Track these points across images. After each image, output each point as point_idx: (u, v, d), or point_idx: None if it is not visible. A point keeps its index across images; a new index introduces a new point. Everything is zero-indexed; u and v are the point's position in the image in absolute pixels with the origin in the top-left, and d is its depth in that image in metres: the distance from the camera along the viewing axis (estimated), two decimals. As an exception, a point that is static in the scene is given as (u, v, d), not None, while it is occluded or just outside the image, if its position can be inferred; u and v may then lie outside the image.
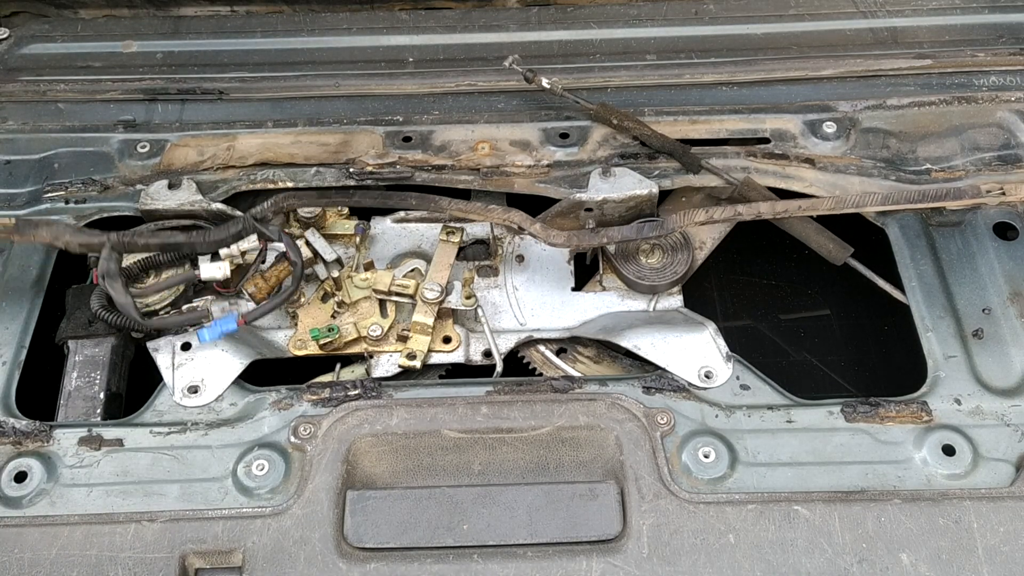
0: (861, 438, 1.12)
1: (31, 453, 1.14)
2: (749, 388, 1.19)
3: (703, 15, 1.64)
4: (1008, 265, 1.27)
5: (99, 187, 1.44)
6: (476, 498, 1.08)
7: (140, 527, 1.06)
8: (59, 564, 1.04)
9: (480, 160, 1.43)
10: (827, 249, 1.31)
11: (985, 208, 1.33)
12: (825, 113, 1.47)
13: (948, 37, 1.58)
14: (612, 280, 1.38)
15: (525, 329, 1.34)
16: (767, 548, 1.03)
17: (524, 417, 1.14)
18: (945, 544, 1.02)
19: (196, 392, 1.21)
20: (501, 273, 1.40)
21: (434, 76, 1.57)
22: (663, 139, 1.40)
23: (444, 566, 1.04)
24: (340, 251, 1.35)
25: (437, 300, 1.30)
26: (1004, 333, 1.21)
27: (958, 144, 1.42)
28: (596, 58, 1.60)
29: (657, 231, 1.30)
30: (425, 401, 1.16)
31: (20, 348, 1.26)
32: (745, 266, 1.73)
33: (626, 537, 1.05)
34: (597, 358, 1.34)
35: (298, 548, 1.05)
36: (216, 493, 1.11)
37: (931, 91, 1.49)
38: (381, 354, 1.31)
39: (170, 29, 1.66)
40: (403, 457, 1.13)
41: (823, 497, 1.06)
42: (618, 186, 1.37)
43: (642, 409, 1.14)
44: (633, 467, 1.09)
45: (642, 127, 1.42)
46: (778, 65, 1.54)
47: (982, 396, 1.15)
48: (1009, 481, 1.08)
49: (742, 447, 1.12)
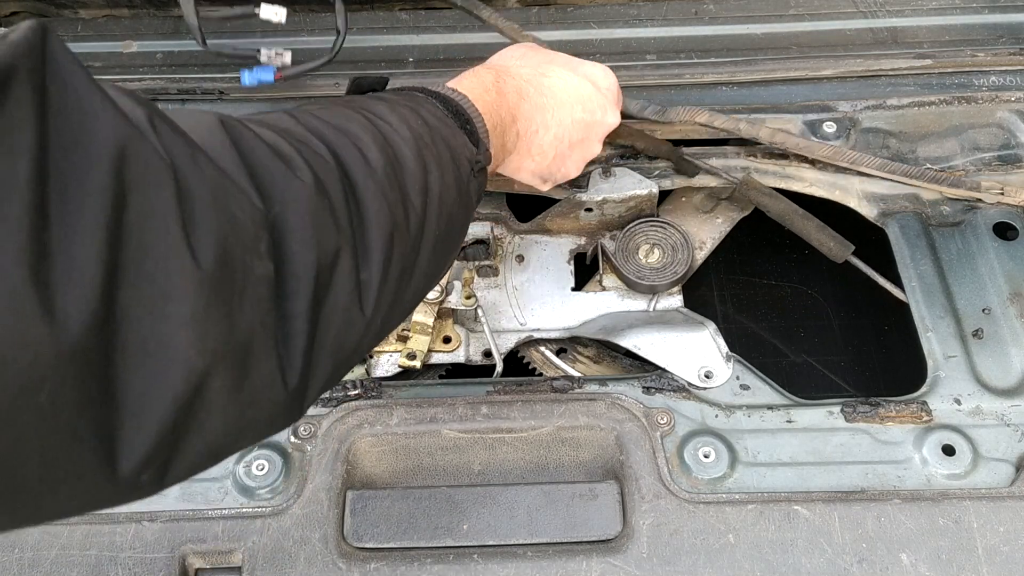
0: (861, 438, 1.12)
1: (31, 453, 1.14)
2: (749, 388, 1.19)
3: (703, 15, 1.64)
4: (1008, 265, 1.27)
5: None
6: (476, 498, 1.08)
7: (140, 527, 1.06)
8: (59, 564, 1.04)
9: (480, 160, 1.42)
10: (828, 247, 1.31)
11: (985, 208, 1.33)
12: (825, 113, 1.46)
13: (948, 37, 1.58)
14: (612, 280, 1.38)
15: (525, 329, 1.34)
16: (767, 548, 1.03)
17: (524, 417, 1.14)
18: (945, 544, 1.02)
19: (196, 392, 1.20)
20: (501, 273, 1.40)
21: (434, 76, 1.57)
22: (659, 146, 1.39)
23: (444, 566, 1.04)
24: (340, 251, 1.34)
25: (437, 300, 1.30)
26: (1004, 333, 1.21)
27: (958, 144, 1.42)
28: (596, 58, 1.59)
29: (657, 116, 1.38)
30: (425, 401, 1.16)
31: (20, 348, 1.26)
32: (745, 266, 1.73)
33: (626, 537, 1.05)
34: (597, 358, 1.34)
35: (298, 548, 1.05)
36: (216, 493, 1.11)
37: (931, 91, 1.49)
38: (381, 354, 1.31)
39: (170, 29, 1.66)
40: (403, 457, 1.13)
41: (823, 497, 1.06)
42: (618, 186, 1.37)
43: (642, 409, 1.14)
44: (633, 467, 1.09)
45: (635, 138, 1.41)
46: (778, 65, 1.54)
47: (982, 396, 1.15)
48: (1009, 481, 1.08)
49: (742, 447, 1.12)
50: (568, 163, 1.21)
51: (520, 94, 1.09)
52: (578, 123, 1.17)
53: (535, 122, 1.12)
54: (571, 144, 1.17)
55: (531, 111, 1.11)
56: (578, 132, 1.17)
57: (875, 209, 1.36)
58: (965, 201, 1.35)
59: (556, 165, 1.19)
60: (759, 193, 1.36)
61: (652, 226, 1.38)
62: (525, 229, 1.43)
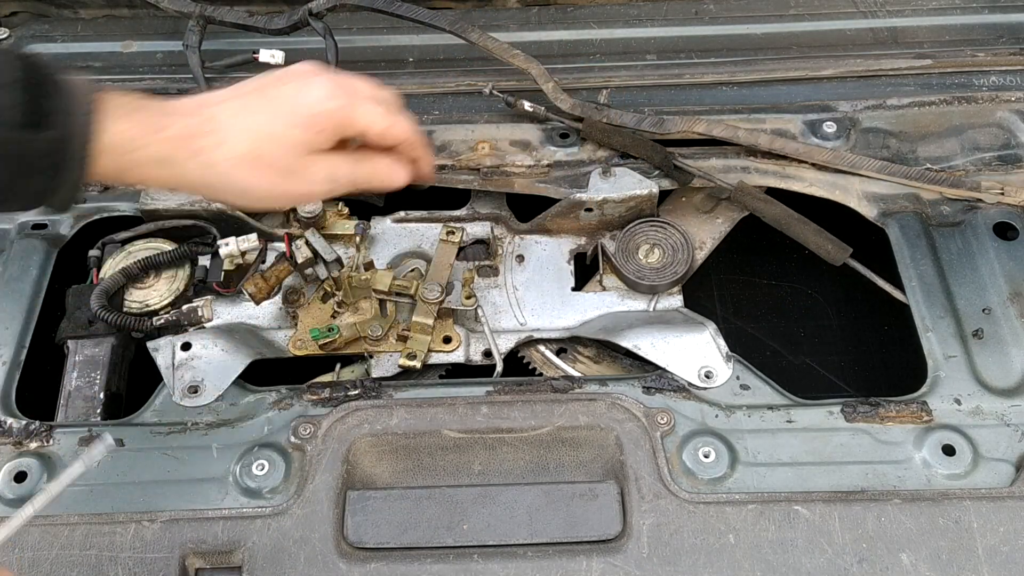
0: (861, 438, 1.12)
1: (31, 453, 1.14)
2: (749, 388, 1.19)
3: (703, 15, 1.64)
4: (1008, 265, 1.27)
5: (99, 187, 1.44)
6: (476, 498, 1.08)
7: (140, 527, 1.06)
8: (59, 564, 1.04)
9: (480, 160, 1.43)
10: (826, 250, 1.31)
11: (985, 208, 1.33)
12: (825, 113, 1.47)
13: (948, 37, 1.58)
14: (612, 280, 1.38)
15: (525, 329, 1.34)
16: (767, 548, 1.03)
17: (524, 417, 1.14)
18: (945, 544, 1.02)
19: (196, 392, 1.21)
20: (501, 273, 1.40)
21: (434, 76, 1.57)
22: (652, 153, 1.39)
23: (444, 566, 1.04)
24: (340, 251, 1.34)
25: (437, 300, 1.30)
26: (1004, 333, 1.21)
27: (958, 144, 1.42)
28: (596, 58, 1.60)
29: (655, 128, 1.40)
30: (425, 401, 1.16)
31: (20, 348, 1.27)
32: (745, 266, 1.72)
33: (626, 537, 1.05)
34: (597, 358, 1.34)
35: (298, 548, 1.05)
36: (216, 493, 1.11)
37: (931, 91, 1.49)
38: (381, 354, 1.31)
39: (170, 29, 1.66)
40: (403, 457, 1.14)
41: (823, 497, 1.06)
42: (618, 186, 1.37)
43: (642, 409, 1.14)
44: (633, 467, 1.09)
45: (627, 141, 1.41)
46: (778, 65, 1.54)
47: (982, 396, 1.15)
48: (1009, 481, 1.08)
49: (742, 447, 1.12)
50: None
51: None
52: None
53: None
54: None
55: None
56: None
57: (875, 209, 1.36)
58: (965, 201, 1.35)
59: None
60: (754, 199, 1.36)
61: (652, 226, 1.38)
62: (525, 229, 1.43)
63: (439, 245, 1.38)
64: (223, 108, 0.95)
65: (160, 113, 0.91)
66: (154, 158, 0.90)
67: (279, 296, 1.35)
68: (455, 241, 1.37)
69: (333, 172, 0.98)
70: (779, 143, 1.38)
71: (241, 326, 1.32)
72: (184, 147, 0.91)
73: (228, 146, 0.93)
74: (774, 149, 1.38)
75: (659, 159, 1.38)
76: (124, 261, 1.34)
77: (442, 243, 1.38)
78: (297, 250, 1.31)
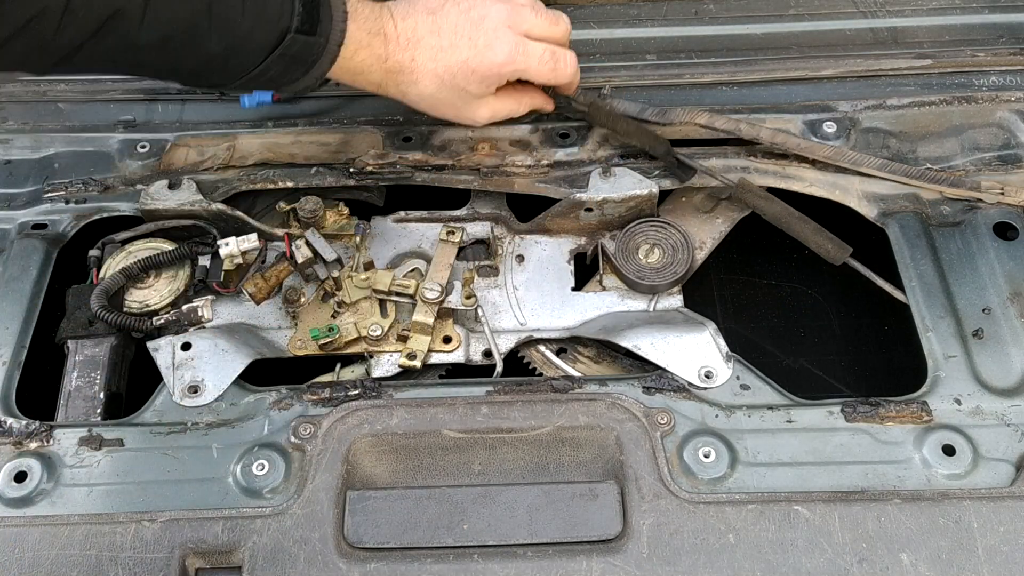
0: (861, 438, 1.12)
1: (31, 453, 1.14)
2: (749, 388, 1.19)
3: (703, 15, 1.63)
4: (1008, 265, 1.27)
5: (99, 187, 1.44)
6: (476, 498, 1.08)
7: (140, 527, 1.06)
8: (59, 564, 1.04)
9: (480, 160, 1.43)
10: (825, 249, 1.31)
11: (985, 208, 1.33)
12: (825, 113, 1.47)
13: (948, 37, 1.58)
14: (612, 280, 1.38)
15: (525, 329, 1.34)
16: (767, 548, 1.03)
17: (524, 417, 1.14)
18: (945, 544, 1.02)
19: (196, 392, 1.21)
20: (501, 273, 1.40)
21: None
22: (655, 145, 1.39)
23: (444, 566, 1.04)
24: (340, 251, 1.35)
25: (437, 300, 1.30)
26: (1004, 333, 1.21)
27: (958, 144, 1.42)
28: (596, 58, 1.60)
29: (657, 118, 1.42)
30: (425, 401, 1.16)
31: (20, 348, 1.27)
32: (745, 266, 1.72)
33: (626, 537, 1.05)
34: (597, 358, 1.34)
35: (298, 548, 1.05)
36: (216, 493, 1.11)
37: (931, 91, 1.49)
38: (381, 354, 1.31)
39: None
40: (403, 457, 1.14)
41: (823, 497, 1.06)
42: (618, 186, 1.37)
43: (642, 409, 1.14)
44: (633, 467, 1.09)
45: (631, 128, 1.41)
46: (778, 65, 1.54)
47: (982, 396, 1.15)
48: (1009, 481, 1.08)
49: (742, 447, 1.12)
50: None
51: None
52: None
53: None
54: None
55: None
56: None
57: (875, 209, 1.36)
58: (965, 201, 1.35)
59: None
60: (755, 196, 1.36)
61: (652, 226, 1.38)
62: (525, 229, 1.43)
63: (439, 245, 1.38)
64: (424, 48, 1.24)
65: (384, 42, 1.22)
66: (372, 81, 1.26)
67: (279, 296, 1.35)
68: (455, 241, 1.38)
69: (497, 111, 1.35)
70: (780, 137, 1.38)
71: (241, 326, 1.32)
72: (392, 79, 1.26)
73: (420, 86, 1.27)
74: (776, 143, 1.38)
75: (662, 150, 1.39)
76: (124, 261, 1.34)
77: (442, 243, 1.38)
78: (297, 250, 1.31)
